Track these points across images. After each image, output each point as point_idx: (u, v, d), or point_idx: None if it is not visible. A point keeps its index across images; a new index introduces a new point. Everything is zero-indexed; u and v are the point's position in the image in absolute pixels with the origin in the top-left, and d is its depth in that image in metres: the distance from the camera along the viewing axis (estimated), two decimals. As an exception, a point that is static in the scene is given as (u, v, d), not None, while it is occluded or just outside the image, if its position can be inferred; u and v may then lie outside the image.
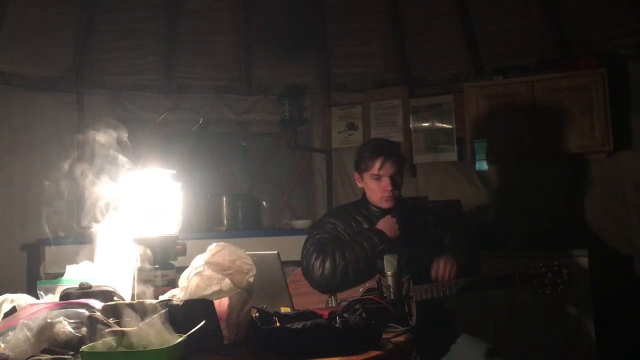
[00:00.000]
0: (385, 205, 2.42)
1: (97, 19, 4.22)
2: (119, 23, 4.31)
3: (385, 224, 2.35)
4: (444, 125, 4.35)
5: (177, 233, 1.72)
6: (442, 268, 2.23)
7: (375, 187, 2.41)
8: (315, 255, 2.34)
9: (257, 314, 1.44)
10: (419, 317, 2.06)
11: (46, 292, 1.74)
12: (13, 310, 1.56)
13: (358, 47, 4.62)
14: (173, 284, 1.60)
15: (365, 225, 2.42)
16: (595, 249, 3.60)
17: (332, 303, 2.31)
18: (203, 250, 1.43)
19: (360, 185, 2.50)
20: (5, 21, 3.88)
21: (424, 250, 2.33)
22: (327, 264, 2.29)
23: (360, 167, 2.46)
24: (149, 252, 1.63)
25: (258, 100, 4.72)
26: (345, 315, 1.41)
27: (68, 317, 1.35)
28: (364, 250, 2.29)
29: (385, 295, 1.75)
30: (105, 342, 1.17)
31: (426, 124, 4.41)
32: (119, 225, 1.70)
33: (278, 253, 1.89)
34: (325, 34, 4.57)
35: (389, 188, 2.37)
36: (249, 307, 1.39)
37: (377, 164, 2.37)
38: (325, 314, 1.48)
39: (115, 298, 1.58)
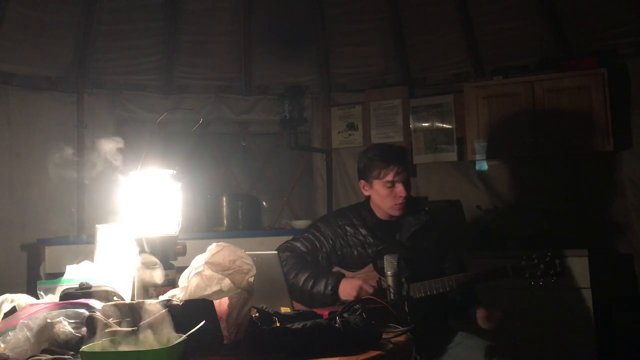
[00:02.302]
0: (396, 213, 2.37)
1: (97, 19, 4.22)
2: (119, 23, 4.31)
3: (346, 291, 2.21)
4: (444, 125, 4.35)
5: (177, 233, 1.72)
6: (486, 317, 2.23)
7: (388, 194, 2.33)
8: (287, 259, 2.34)
9: (257, 314, 1.44)
10: (418, 316, 2.06)
11: (46, 292, 1.74)
12: (13, 310, 1.57)
13: (358, 47, 4.62)
14: (173, 284, 1.60)
15: (363, 232, 2.38)
16: (595, 249, 3.60)
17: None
18: (203, 250, 1.43)
19: (367, 193, 2.43)
20: (5, 21, 3.88)
21: (422, 251, 2.33)
22: (292, 277, 2.27)
23: (369, 174, 2.37)
24: (149, 252, 1.63)
25: (258, 100, 4.72)
26: (345, 315, 1.41)
27: (68, 317, 1.35)
28: (323, 289, 2.22)
29: (385, 295, 1.75)
30: (105, 342, 1.17)
31: (426, 124, 4.41)
32: (119, 225, 1.70)
33: (278, 253, 1.89)
34: (325, 34, 4.57)
35: (404, 194, 2.31)
36: (249, 307, 1.39)
37: (392, 171, 2.31)
38: (325, 314, 1.48)
39: (115, 298, 1.58)
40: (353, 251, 2.36)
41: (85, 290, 1.56)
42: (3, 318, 1.55)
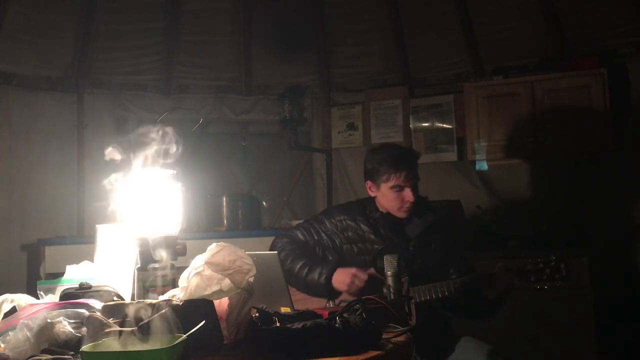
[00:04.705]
0: (402, 215, 2.33)
1: (97, 19, 4.22)
2: (119, 23, 4.31)
3: (339, 279, 2.21)
4: (444, 125, 4.35)
5: (177, 233, 1.72)
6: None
7: (395, 198, 2.30)
8: (284, 245, 2.37)
9: (257, 314, 1.44)
10: (418, 318, 2.05)
11: (46, 292, 1.74)
12: (13, 310, 1.56)
13: (358, 47, 4.62)
14: (173, 284, 1.60)
15: (365, 227, 2.35)
16: (595, 249, 3.60)
17: (330, 304, 2.30)
18: (203, 250, 1.43)
19: (373, 194, 2.39)
20: (5, 21, 3.88)
21: (428, 252, 2.32)
22: (289, 263, 2.28)
23: (377, 176, 2.32)
24: (149, 252, 1.63)
25: (258, 100, 4.72)
26: (345, 315, 1.41)
27: (68, 317, 1.35)
28: (317, 277, 2.22)
29: (385, 295, 1.75)
30: (105, 342, 1.17)
31: (426, 124, 4.41)
32: (119, 225, 1.70)
33: (278, 253, 1.89)
34: (325, 34, 4.57)
35: (412, 199, 2.27)
36: (249, 307, 1.39)
37: (402, 176, 2.26)
38: (325, 314, 1.48)
39: (115, 298, 1.58)
40: (353, 247, 2.34)
41: (85, 290, 1.56)
42: (3, 318, 1.54)
